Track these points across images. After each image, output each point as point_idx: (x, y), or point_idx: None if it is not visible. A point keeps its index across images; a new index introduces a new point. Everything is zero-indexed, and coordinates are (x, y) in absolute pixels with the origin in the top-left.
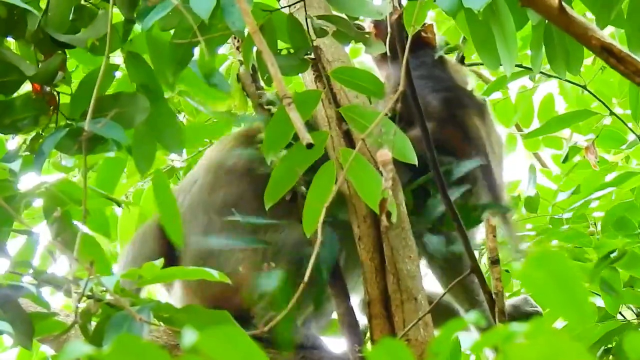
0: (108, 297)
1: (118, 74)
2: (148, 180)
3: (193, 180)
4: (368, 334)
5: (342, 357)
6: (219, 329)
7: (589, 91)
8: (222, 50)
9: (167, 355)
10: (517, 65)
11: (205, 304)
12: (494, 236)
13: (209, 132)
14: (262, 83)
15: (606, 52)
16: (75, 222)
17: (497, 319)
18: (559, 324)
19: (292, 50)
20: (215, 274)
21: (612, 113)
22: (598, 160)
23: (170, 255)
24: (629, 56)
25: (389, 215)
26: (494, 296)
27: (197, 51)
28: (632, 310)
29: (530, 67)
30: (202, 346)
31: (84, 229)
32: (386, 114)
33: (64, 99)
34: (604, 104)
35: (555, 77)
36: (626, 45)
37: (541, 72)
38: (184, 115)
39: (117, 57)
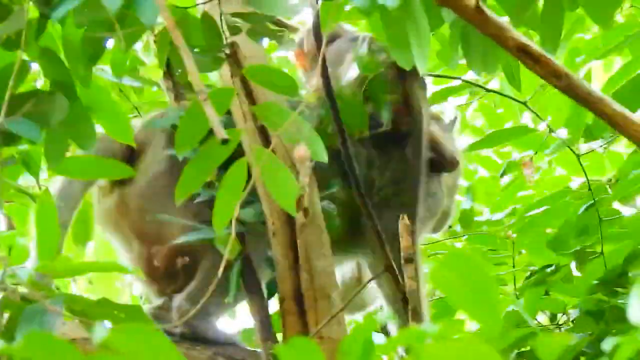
0: (22, 289)
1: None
2: None
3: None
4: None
5: (254, 353)
6: (131, 324)
7: (528, 107)
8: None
9: (77, 350)
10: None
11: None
12: (408, 235)
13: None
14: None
15: (523, 52)
16: None
17: (410, 318)
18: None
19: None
20: (129, 268)
21: (551, 130)
22: (534, 176)
23: None
24: (545, 57)
25: (306, 212)
26: (407, 295)
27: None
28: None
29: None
30: (114, 341)
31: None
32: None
33: None
34: (542, 120)
35: (495, 92)
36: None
37: (480, 87)
38: None
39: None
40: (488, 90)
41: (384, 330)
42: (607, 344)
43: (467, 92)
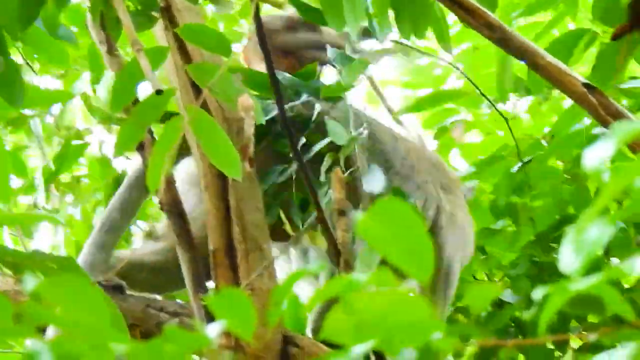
0: None
1: None
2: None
3: None
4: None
5: (185, 305)
6: (63, 275)
7: (462, 72)
8: None
9: (8, 301)
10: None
11: None
12: (342, 187)
13: (56, 96)
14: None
15: (456, 4)
16: None
17: (341, 270)
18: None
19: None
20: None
21: (482, 94)
22: (463, 138)
23: None
24: (479, 9)
25: (251, 161)
26: (339, 247)
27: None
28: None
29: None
30: (44, 292)
31: None
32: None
33: None
34: (473, 83)
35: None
36: None
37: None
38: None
39: None
40: (419, 51)
41: None
42: (537, 294)
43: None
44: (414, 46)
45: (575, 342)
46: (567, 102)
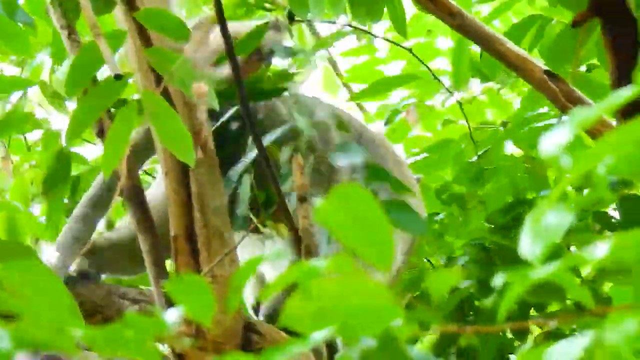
0: None
1: None
2: None
3: None
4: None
5: (146, 293)
6: (21, 261)
7: (414, 55)
8: None
9: None
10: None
11: None
12: (302, 173)
13: (17, 83)
14: None
15: None
16: None
17: (303, 256)
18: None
19: None
20: None
21: (435, 78)
22: (417, 121)
23: None
24: None
25: (203, 147)
26: (300, 233)
27: None
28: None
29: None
30: (3, 277)
31: None
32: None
33: None
34: (427, 67)
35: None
36: None
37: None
38: None
39: None
40: (375, 36)
41: None
42: (498, 280)
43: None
44: (369, 31)
45: (535, 331)
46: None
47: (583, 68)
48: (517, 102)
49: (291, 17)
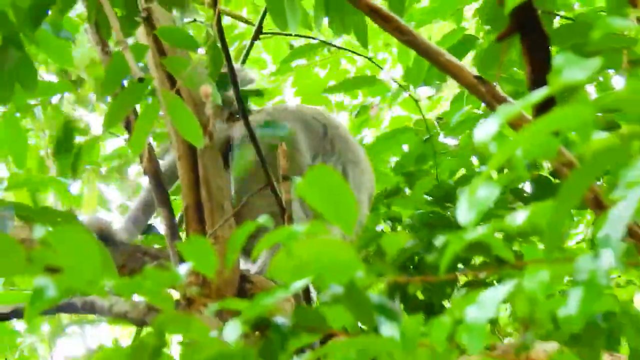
0: None
1: None
2: None
3: None
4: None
5: (163, 250)
6: (65, 227)
7: (373, 62)
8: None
9: (21, 246)
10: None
11: None
12: (284, 158)
13: (59, 87)
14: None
15: (374, 12)
16: None
17: (286, 222)
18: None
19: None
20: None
21: (395, 81)
22: (377, 116)
23: None
24: (392, 16)
25: (211, 136)
26: (284, 205)
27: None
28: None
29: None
30: (51, 240)
31: None
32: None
33: None
34: (380, 68)
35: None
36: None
37: (334, 46)
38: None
39: None
40: (339, 48)
41: None
42: (438, 241)
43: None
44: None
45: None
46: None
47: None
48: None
49: (260, 31)
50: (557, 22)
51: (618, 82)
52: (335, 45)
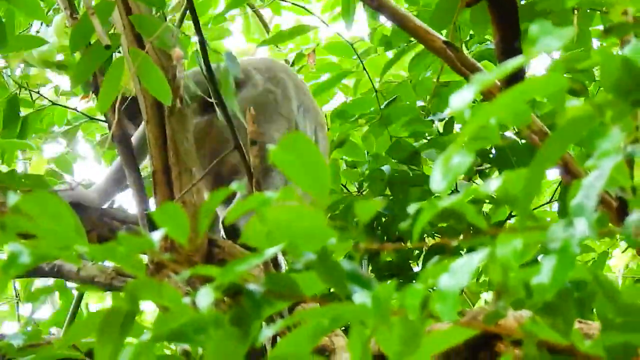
0: None
1: None
2: None
3: None
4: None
5: (131, 214)
6: (37, 192)
7: (307, 10)
8: None
9: None
10: None
11: None
12: (253, 122)
13: (29, 41)
14: None
15: None
16: None
17: (254, 187)
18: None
19: None
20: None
21: (345, 40)
22: (314, 64)
23: None
24: None
25: (180, 99)
26: (252, 170)
27: None
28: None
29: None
30: (24, 206)
31: None
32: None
33: None
34: (319, 18)
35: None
36: None
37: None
38: None
39: None
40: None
41: None
42: (411, 208)
43: None
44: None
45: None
46: None
47: None
48: None
49: None
50: None
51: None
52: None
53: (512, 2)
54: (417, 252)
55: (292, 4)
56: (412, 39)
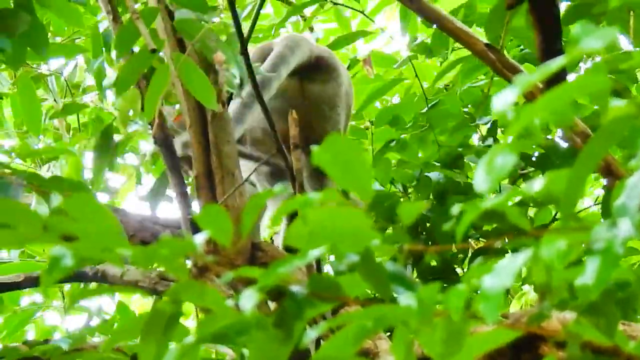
0: None
1: None
2: None
3: None
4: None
5: (174, 219)
6: (78, 195)
7: (366, 16)
8: None
9: (37, 214)
10: None
11: None
12: (296, 126)
13: (70, 49)
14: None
15: None
16: None
17: (296, 191)
18: None
19: None
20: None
21: (383, 30)
22: (374, 71)
23: None
24: None
25: (223, 104)
26: (294, 173)
27: None
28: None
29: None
30: (67, 208)
31: None
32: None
33: None
34: (382, 30)
35: (337, 3)
36: None
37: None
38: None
39: None
40: (335, 3)
41: None
42: (455, 209)
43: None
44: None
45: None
46: None
47: None
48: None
49: None
50: None
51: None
52: (333, 2)
53: (554, 3)
54: (460, 255)
55: (347, 6)
56: (454, 45)
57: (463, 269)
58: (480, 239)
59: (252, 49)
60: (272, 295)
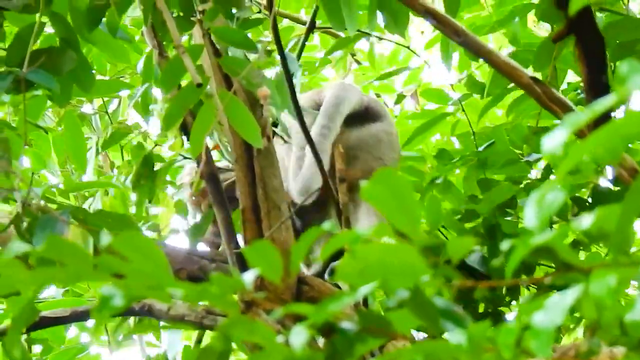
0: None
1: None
2: None
3: None
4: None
5: (219, 252)
6: (129, 233)
7: (412, 51)
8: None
9: (88, 253)
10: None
11: None
12: (342, 160)
13: (114, 85)
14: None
15: (429, 14)
16: None
17: (343, 226)
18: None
19: (181, 14)
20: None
21: (427, 63)
22: (418, 105)
23: None
24: (448, 18)
25: (268, 138)
26: (340, 207)
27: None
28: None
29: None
30: (116, 246)
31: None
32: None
33: None
34: (426, 63)
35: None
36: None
37: (376, 36)
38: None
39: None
40: (380, 39)
41: None
42: (505, 245)
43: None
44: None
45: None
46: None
47: None
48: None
49: (313, 27)
50: (602, 17)
51: None
52: (377, 36)
53: (599, 35)
54: (508, 297)
55: (392, 41)
56: (509, 85)
57: (511, 309)
58: (531, 280)
59: (300, 95)
60: (321, 331)
